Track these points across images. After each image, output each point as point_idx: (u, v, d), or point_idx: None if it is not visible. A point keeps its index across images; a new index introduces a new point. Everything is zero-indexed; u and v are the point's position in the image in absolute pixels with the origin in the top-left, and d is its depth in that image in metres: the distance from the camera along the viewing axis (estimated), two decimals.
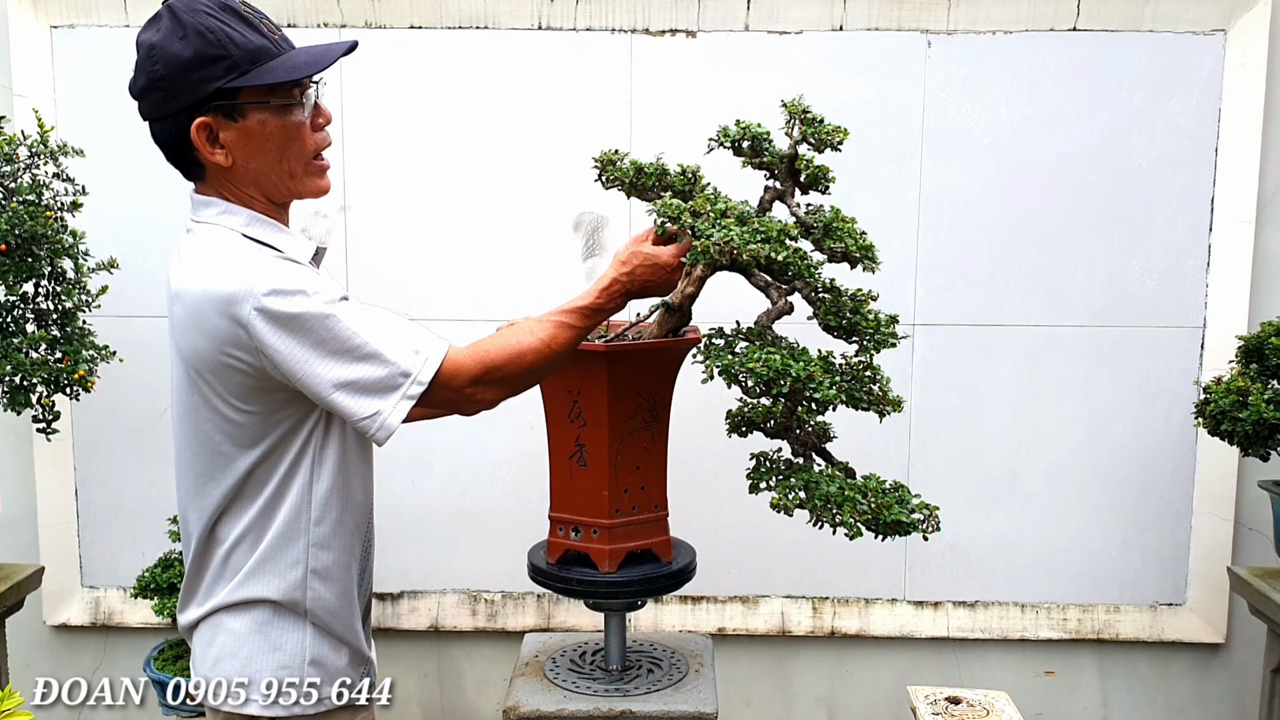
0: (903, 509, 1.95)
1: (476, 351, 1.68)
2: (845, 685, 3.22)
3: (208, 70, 1.55)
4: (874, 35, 2.94)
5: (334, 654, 1.74)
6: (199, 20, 1.55)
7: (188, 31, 1.55)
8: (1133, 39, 2.92)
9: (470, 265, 3.04)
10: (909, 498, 1.99)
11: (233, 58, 1.56)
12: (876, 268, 2.09)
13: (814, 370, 1.89)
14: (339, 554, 1.73)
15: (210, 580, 1.72)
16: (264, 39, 1.60)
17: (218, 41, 1.55)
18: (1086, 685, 3.19)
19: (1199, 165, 2.96)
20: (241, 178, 1.64)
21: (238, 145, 1.61)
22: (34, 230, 2.44)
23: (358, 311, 1.60)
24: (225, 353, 1.56)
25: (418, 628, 3.15)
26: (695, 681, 2.28)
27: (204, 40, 1.55)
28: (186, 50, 1.55)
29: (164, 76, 1.56)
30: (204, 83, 1.56)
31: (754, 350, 1.92)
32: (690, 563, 2.29)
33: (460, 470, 3.10)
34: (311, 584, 1.70)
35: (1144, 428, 3.05)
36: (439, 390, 1.63)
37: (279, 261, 1.60)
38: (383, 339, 1.59)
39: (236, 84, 1.57)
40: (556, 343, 1.75)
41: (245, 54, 1.57)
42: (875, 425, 2.25)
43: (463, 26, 2.97)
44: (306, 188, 1.71)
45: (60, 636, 3.20)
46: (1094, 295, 3.01)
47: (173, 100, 1.58)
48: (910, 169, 2.98)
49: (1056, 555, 3.11)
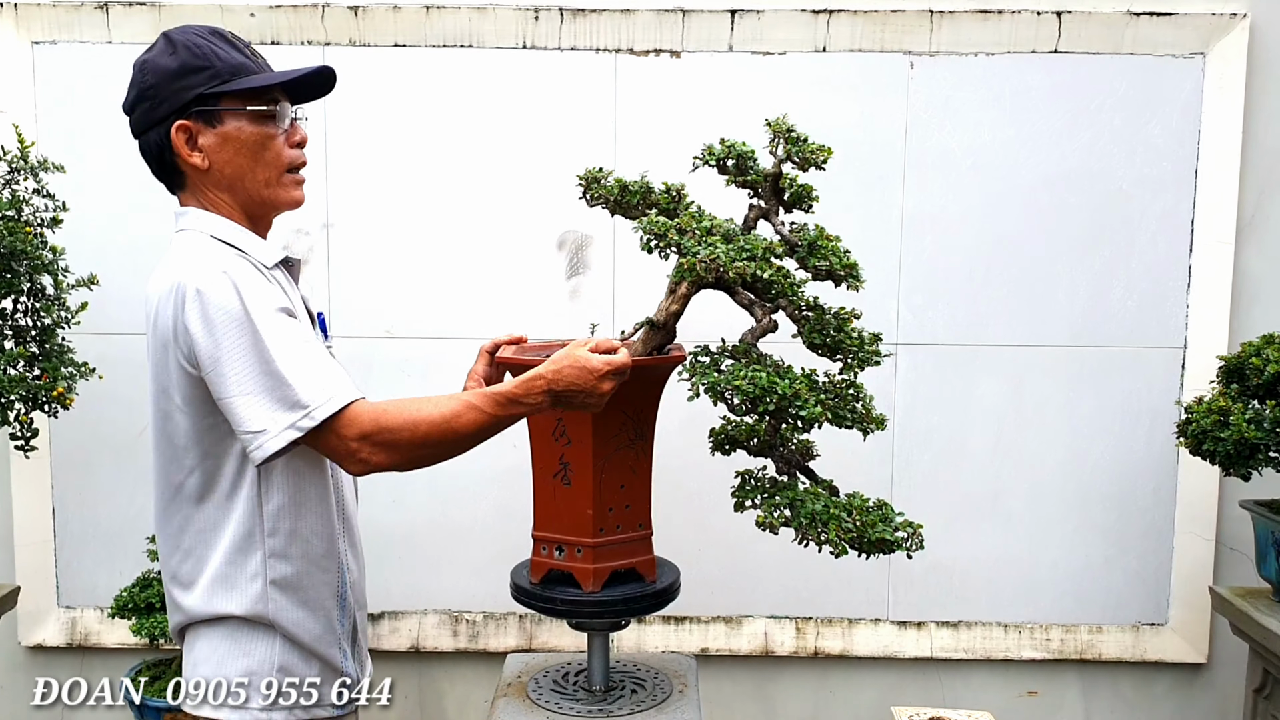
0: (886, 527, 1.95)
1: (376, 409, 1.67)
2: (829, 706, 3.20)
3: (191, 78, 1.70)
4: (857, 56, 2.95)
5: (304, 665, 1.79)
6: (189, 39, 1.73)
7: (177, 48, 1.72)
8: (1113, 62, 2.95)
9: (454, 283, 3.03)
10: (893, 515, 1.99)
11: (215, 68, 1.71)
12: (860, 286, 2.10)
13: (799, 388, 1.90)
14: (300, 565, 1.77)
15: (180, 589, 1.78)
16: (246, 59, 1.76)
17: (203, 55, 1.71)
18: (1070, 705, 3.18)
19: (1179, 186, 2.98)
20: (218, 182, 1.76)
21: (215, 149, 1.73)
22: (13, 246, 2.42)
23: (288, 332, 1.63)
24: (173, 348, 1.64)
25: (398, 648, 3.12)
26: (679, 702, 2.26)
27: (190, 54, 1.71)
28: (174, 62, 1.71)
29: (152, 85, 1.71)
30: (187, 89, 1.70)
31: (740, 368, 1.92)
32: (674, 582, 2.28)
33: (442, 489, 3.07)
34: (273, 595, 1.75)
35: (1126, 447, 3.06)
36: (329, 436, 1.63)
37: (234, 260, 1.67)
38: (297, 366, 1.61)
39: (217, 90, 1.71)
40: (459, 422, 1.71)
41: (227, 67, 1.72)
42: (858, 445, 2.26)
43: (447, 45, 2.97)
44: (280, 197, 1.80)
45: (35, 657, 3.15)
46: (1075, 315, 3.02)
47: (159, 107, 1.71)
48: (893, 189, 2.99)
49: (1039, 575, 3.11)
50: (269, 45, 2.93)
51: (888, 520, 1.97)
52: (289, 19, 2.94)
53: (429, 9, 2.93)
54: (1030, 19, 2.92)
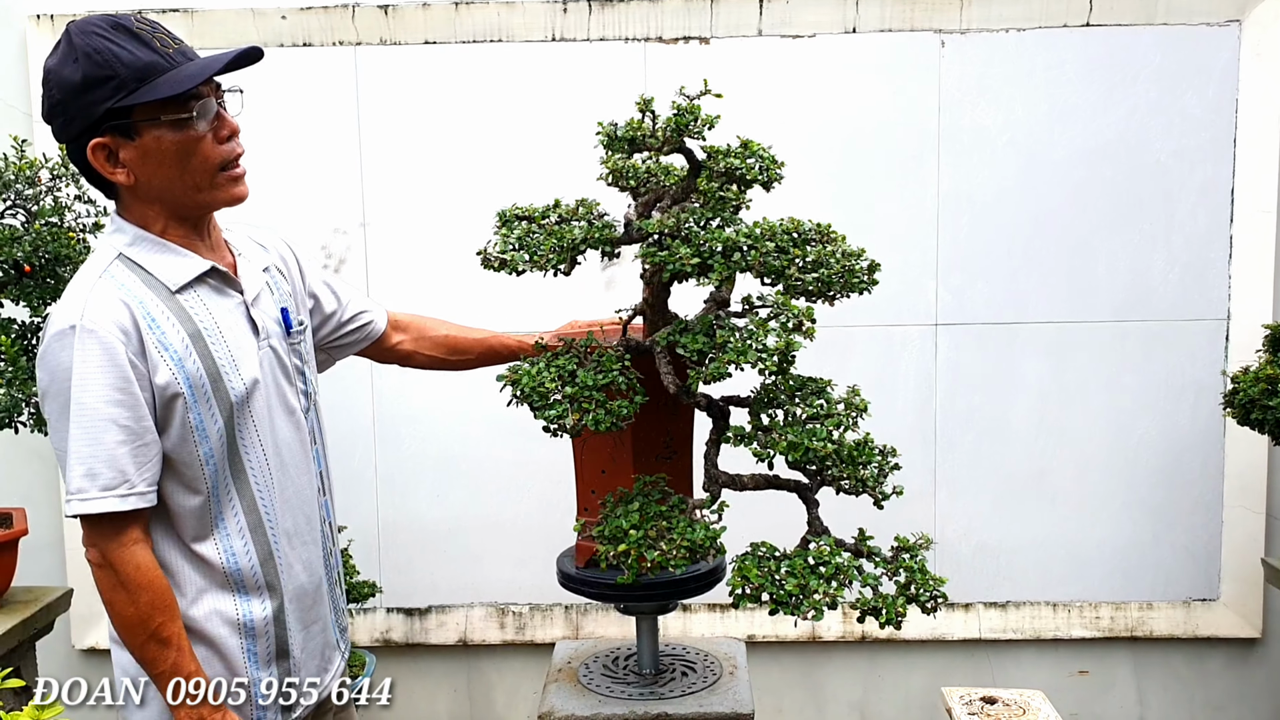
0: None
1: (111, 553, 1.62)
2: (878, 690, 3.19)
3: (96, 92, 1.57)
4: (887, 37, 2.94)
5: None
6: (88, 42, 1.57)
7: (78, 55, 1.57)
8: (1147, 32, 2.92)
9: (488, 276, 3.03)
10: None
11: (119, 77, 1.57)
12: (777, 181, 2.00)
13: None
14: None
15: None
16: (154, 54, 1.60)
17: (105, 62, 1.56)
18: (1121, 684, 3.16)
19: (1218, 157, 2.95)
20: (146, 194, 1.65)
21: (137, 163, 1.62)
22: (57, 251, 2.45)
23: (101, 404, 1.57)
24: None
25: (446, 642, 3.15)
26: (730, 683, 2.26)
27: (91, 62, 1.56)
28: (76, 74, 1.57)
29: (60, 101, 1.59)
30: (94, 105, 1.57)
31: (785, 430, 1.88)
32: (721, 562, 2.28)
33: (485, 483, 3.09)
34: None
35: (1171, 422, 3.03)
36: (84, 526, 1.62)
37: (121, 294, 1.61)
38: (77, 444, 1.58)
39: (125, 103, 1.57)
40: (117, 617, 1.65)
41: (132, 72, 1.57)
42: (899, 430, 2.23)
43: (477, 41, 2.98)
44: (217, 199, 1.69)
45: (89, 660, 3.20)
46: (1116, 290, 3.00)
47: (71, 124, 1.60)
48: (928, 169, 2.98)
49: (1087, 553, 3.09)
50: (301, 47, 2.96)
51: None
52: (320, 20, 2.96)
53: (458, 5, 2.95)
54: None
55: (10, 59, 3.02)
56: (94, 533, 1.60)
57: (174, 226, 1.68)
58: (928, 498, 3.06)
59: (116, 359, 1.56)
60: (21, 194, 2.47)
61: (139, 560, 1.61)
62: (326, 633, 1.88)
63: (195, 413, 1.62)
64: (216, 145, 1.66)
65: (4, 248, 2.34)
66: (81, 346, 1.56)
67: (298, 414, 1.81)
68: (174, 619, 1.63)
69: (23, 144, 2.49)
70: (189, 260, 1.68)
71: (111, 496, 1.57)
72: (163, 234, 1.67)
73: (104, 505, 1.57)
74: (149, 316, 1.60)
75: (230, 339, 1.68)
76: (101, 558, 1.61)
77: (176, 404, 1.61)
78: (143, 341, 1.59)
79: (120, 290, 1.60)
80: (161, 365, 1.60)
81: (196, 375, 1.62)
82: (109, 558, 1.60)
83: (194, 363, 1.62)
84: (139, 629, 1.62)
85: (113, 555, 1.60)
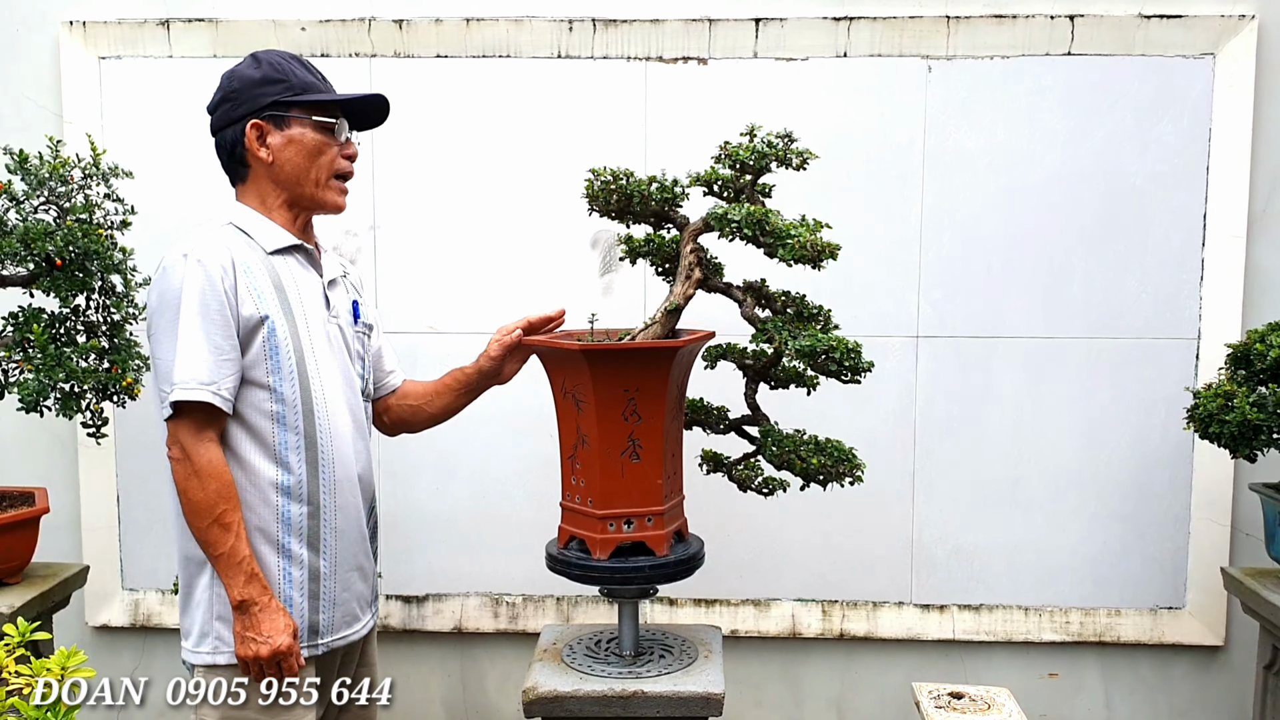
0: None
1: (190, 446, 1.99)
2: (854, 686, 3.32)
3: (269, 87, 2.09)
4: (877, 61, 3.09)
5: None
6: (271, 57, 2.13)
7: (261, 63, 2.12)
8: (1125, 63, 3.06)
9: (493, 281, 3.19)
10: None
11: (290, 82, 2.10)
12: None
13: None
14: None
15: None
16: (316, 81, 2.16)
17: (282, 71, 2.11)
18: (1089, 687, 3.28)
19: (1191, 183, 3.08)
20: (276, 176, 2.12)
21: (280, 147, 2.11)
22: (86, 247, 2.59)
23: (199, 318, 1.97)
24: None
25: (442, 629, 3.28)
26: (704, 665, 2.40)
27: (272, 68, 2.11)
28: (257, 73, 2.11)
29: (235, 90, 2.10)
30: (265, 95, 2.09)
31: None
32: (700, 550, 2.42)
33: (483, 477, 3.23)
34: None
35: (1141, 436, 3.16)
36: (171, 424, 2.01)
37: (228, 245, 2.04)
38: (183, 348, 1.98)
39: (289, 99, 2.10)
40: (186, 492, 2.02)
41: (300, 83, 2.12)
42: (881, 436, 2.36)
43: (486, 56, 3.13)
44: (327, 198, 2.17)
45: (101, 637, 3.34)
46: (1091, 308, 3.13)
47: (239, 108, 2.10)
48: (912, 188, 3.12)
49: (1058, 560, 3.21)
50: (319, 58, 3.11)
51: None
52: (337, 33, 3.12)
53: (469, 21, 3.10)
54: (1044, 23, 3.04)
55: (44, 63, 3.17)
56: (180, 428, 1.99)
57: (283, 211, 2.14)
58: (906, 502, 3.19)
59: (216, 286, 1.98)
60: (54, 191, 2.61)
61: (212, 455, 1.99)
62: (360, 564, 2.20)
63: (271, 344, 2.02)
64: (340, 156, 2.17)
65: (37, 242, 2.48)
66: (191, 272, 1.97)
67: (357, 392, 2.21)
68: (235, 508, 2.00)
69: (58, 144, 2.64)
70: (283, 233, 2.14)
71: (205, 390, 1.96)
72: (270, 214, 2.13)
73: (199, 395, 1.95)
74: (245, 264, 2.03)
75: (305, 300, 2.11)
76: (182, 452, 1.99)
77: (257, 334, 2.01)
78: (237, 279, 2.00)
79: (226, 242, 2.05)
80: (249, 299, 2.01)
81: (276, 314, 2.03)
82: (188, 450, 1.98)
83: (274, 306, 2.03)
84: (206, 513, 1.97)
85: (191, 448, 1.97)
